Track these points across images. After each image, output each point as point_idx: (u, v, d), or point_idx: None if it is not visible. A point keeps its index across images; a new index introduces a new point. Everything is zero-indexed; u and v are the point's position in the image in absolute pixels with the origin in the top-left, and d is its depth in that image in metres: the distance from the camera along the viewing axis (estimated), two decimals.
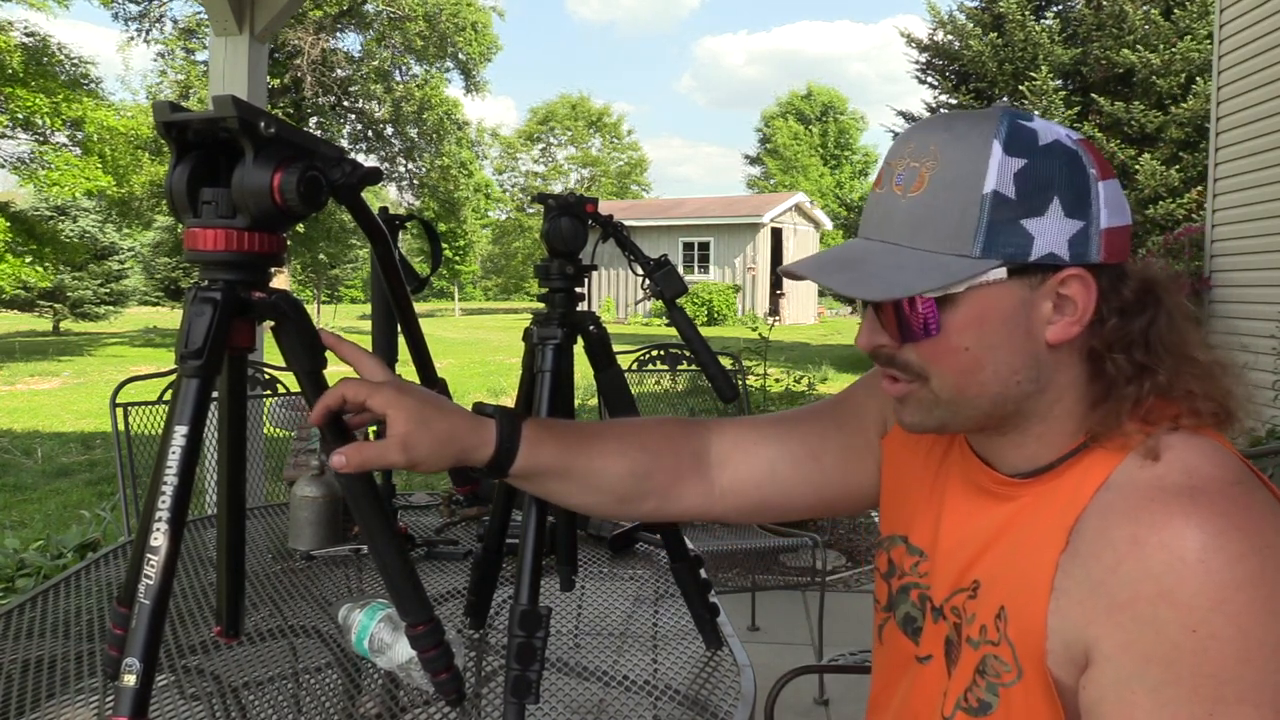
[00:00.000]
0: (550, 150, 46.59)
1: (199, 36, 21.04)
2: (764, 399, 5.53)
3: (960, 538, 0.87)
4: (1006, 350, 0.77)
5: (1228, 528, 0.68)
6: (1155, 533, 0.69)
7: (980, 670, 0.81)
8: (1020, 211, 0.74)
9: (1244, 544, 0.67)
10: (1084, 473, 0.78)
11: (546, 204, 1.08)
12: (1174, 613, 0.67)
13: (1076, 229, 0.74)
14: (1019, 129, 0.75)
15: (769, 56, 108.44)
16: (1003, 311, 0.76)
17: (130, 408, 2.63)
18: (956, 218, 0.74)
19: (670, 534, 1.15)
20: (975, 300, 0.76)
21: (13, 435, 8.13)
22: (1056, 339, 0.76)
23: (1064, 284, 0.75)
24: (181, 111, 0.78)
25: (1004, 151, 0.74)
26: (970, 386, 0.78)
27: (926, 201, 0.76)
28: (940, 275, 0.75)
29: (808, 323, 24.99)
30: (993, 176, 0.74)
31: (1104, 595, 0.71)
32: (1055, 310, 0.76)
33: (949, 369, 0.78)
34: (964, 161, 0.75)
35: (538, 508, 0.99)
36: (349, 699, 1.14)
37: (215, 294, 0.79)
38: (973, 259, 0.74)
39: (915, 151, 0.78)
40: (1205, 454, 0.74)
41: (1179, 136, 11.41)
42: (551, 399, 1.04)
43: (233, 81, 3.56)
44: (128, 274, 24.74)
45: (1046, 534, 0.77)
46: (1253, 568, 0.66)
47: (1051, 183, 0.74)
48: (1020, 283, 0.75)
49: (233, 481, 0.89)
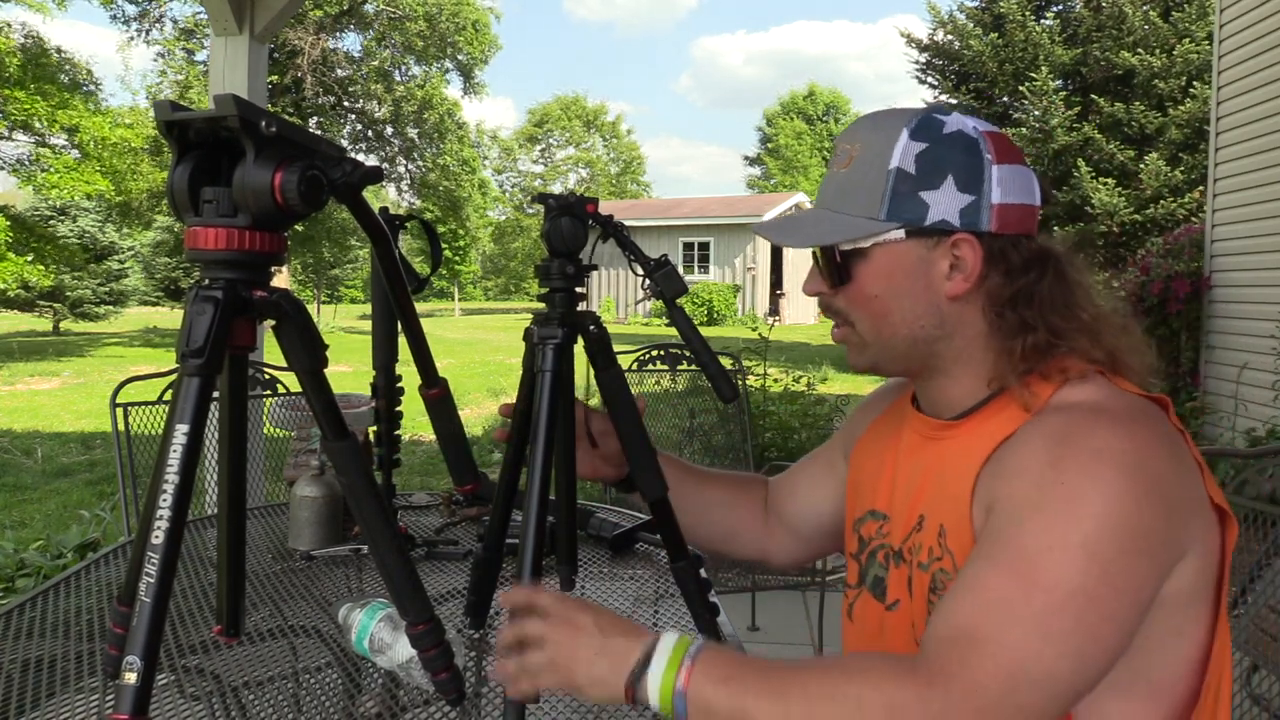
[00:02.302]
0: (550, 151, 46.57)
1: (199, 37, 21.03)
2: (764, 399, 5.53)
3: (908, 486, 1.00)
4: (910, 299, 0.92)
5: (1119, 434, 0.81)
6: (1062, 430, 0.83)
7: (933, 588, 0.92)
8: (918, 185, 0.90)
9: (1127, 446, 0.80)
10: (1004, 409, 0.91)
11: (546, 204, 1.08)
12: (1054, 474, 0.80)
13: (967, 202, 0.90)
14: (930, 121, 0.91)
15: (767, 56, 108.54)
16: (904, 266, 0.92)
17: (130, 408, 2.63)
18: (869, 188, 0.91)
19: (670, 534, 1.15)
20: (882, 255, 0.92)
21: (13, 435, 8.13)
22: (954, 293, 0.91)
23: (956, 246, 0.90)
24: (183, 111, 0.78)
25: (909, 137, 0.90)
26: (884, 329, 0.94)
27: (850, 176, 0.93)
28: (852, 231, 0.92)
29: (808, 323, 24.98)
30: (897, 156, 0.90)
31: (1009, 470, 0.85)
32: (952, 269, 0.91)
33: (865, 313, 0.95)
34: (878, 144, 0.92)
35: (538, 508, 0.99)
36: (349, 699, 1.14)
37: (216, 293, 0.79)
38: (879, 221, 0.91)
39: (848, 136, 0.95)
40: (1116, 392, 0.88)
41: (1179, 138, 11.41)
42: (552, 399, 1.04)
43: (233, 81, 3.56)
44: (128, 274, 24.74)
45: (972, 458, 0.90)
46: (1128, 463, 0.79)
47: (946, 163, 0.90)
48: (918, 243, 0.91)
49: (233, 481, 0.89)
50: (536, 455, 1.01)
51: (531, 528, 0.98)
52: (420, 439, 7.32)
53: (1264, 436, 4.67)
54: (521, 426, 1.11)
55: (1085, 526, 0.77)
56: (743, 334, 16.40)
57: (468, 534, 1.76)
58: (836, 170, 0.95)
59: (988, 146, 0.90)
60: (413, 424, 2.49)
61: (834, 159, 0.97)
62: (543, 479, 1.00)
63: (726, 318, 23.84)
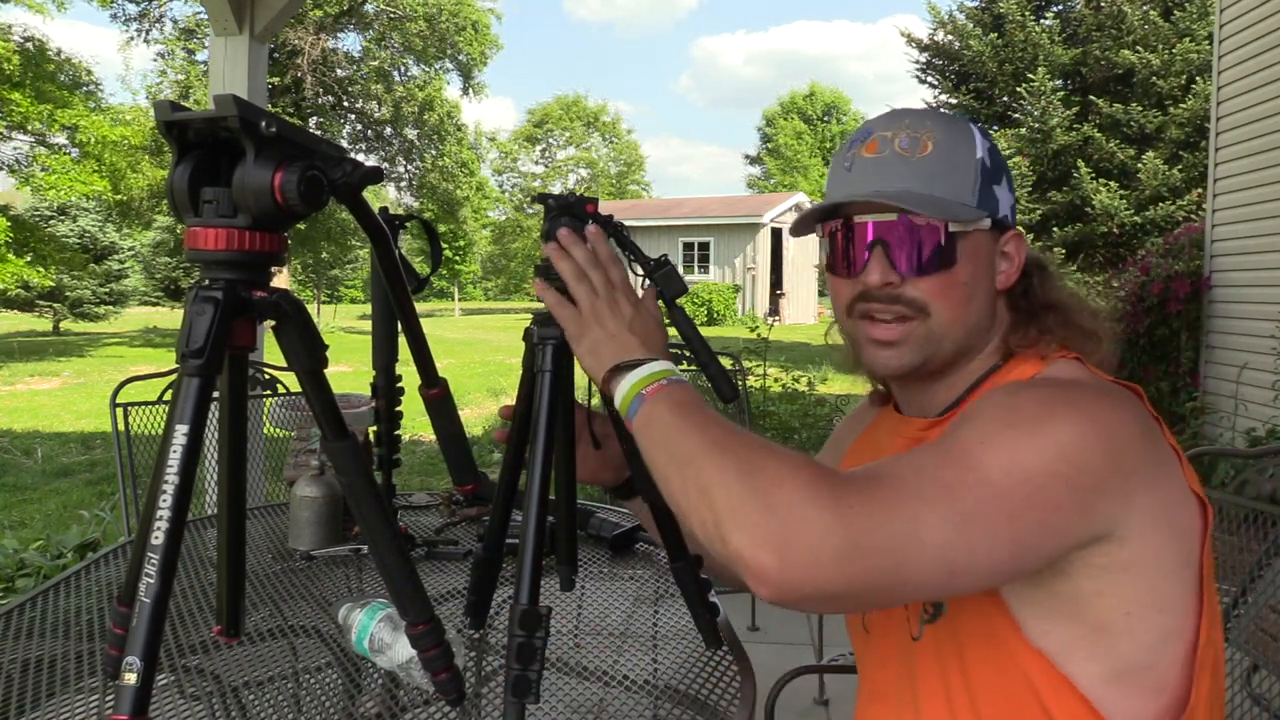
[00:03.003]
0: (550, 151, 46.58)
1: (199, 36, 21.03)
2: (764, 399, 5.53)
3: None
4: (983, 288, 0.95)
5: (1068, 384, 0.87)
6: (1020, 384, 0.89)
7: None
8: (994, 179, 0.94)
9: (1072, 392, 0.85)
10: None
11: (546, 204, 1.08)
12: (1002, 396, 0.85)
13: (1012, 201, 0.98)
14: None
15: (766, 56, 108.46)
16: (984, 256, 0.94)
17: (130, 408, 2.63)
18: (961, 175, 0.92)
19: (670, 534, 1.15)
20: (972, 243, 0.93)
21: (13, 435, 8.13)
22: (1004, 285, 0.96)
23: (1009, 241, 0.96)
24: (182, 111, 0.78)
25: (979, 134, 0.95)
26: (965, 317, 0.94)
27: (936, 160, 0.92)
28: (961, 213, 0.92)
29: (808, 323, 24.97)
30: (980, 147, 0.94)
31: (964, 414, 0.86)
32: (1003, 260, 0.96)
33: (950, 300, 0.93)
34: (959, 134, 0.94)
35: (538, 507, 0.99)
36: (349, 699, 1.14)
37: (216, 293, 0.79)
38: (973, 208, 0.92)
39: (913, 126, 0.94)
40: (1069, 366, 0.93)
41: (1179, 137, 11.40)
42: (552, 399, 1.04)
43: (233, 81, 3.56)
44: (128, 274, 24.74)
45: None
46: (1072, 400, 0.82)
47: (1001, 163, 0.96)
48: (992, 235, 0.95)
49: (233, 481, 0.89)
50: (536, 455, 1.01)
51: (531, 528, 0.98)
52: (420, 439, 7.32)
53: (1264, 436, 4.67)
54: (521, 427, 1.11)
55: (1023, 439, 0.78)
56: (742, 334, 16.40)
57: (468, 534, 1.76)
58: (910, 155, 0.92)
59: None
60: (413, 424, 2.49)
61: (886, 145, 0.94)
62: (543, 479, 1.00)
63: (726, 318, 23.83)
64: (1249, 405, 5.15)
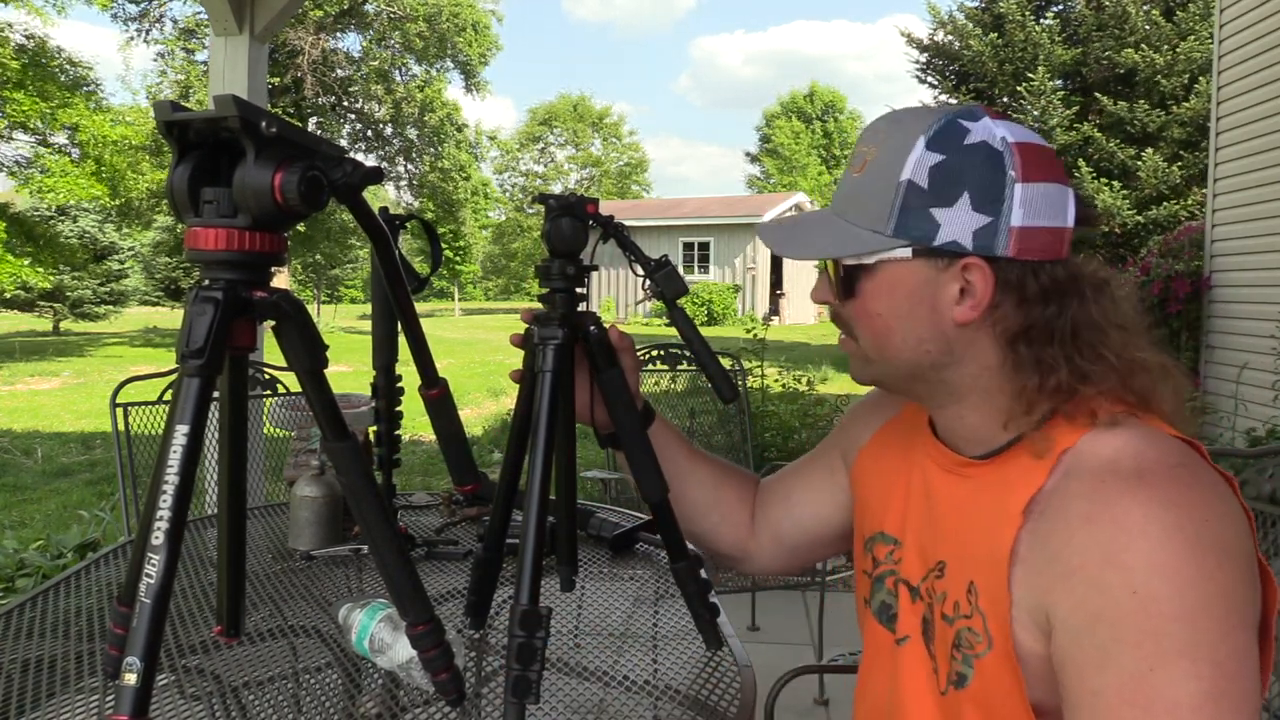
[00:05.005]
0: (550, 151, 46.56)
1: (199, 36, 21.03)
2: (764, 399, 5.53)
3: (924, 519, 0.95)
4: (913, 321, 0.86)
5: (1168, 503, 0.74)
6: (1106, 509, 0.76)
7: (956, 644, 0.87)
8: (930, 201, 0.82)
9: (1180, 516, 0.74)
10: (1035, 457, 0.84)
11: (547, 204, 1.08)
12: (1118, 576, 0.73)
13: (983, 223, 0.82)
14: (952, 128, 0.83)
15: (766, 56, 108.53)
16: (908, 286, 0.85)
17: (130, 408, 2.63)
18: (878, 199, 0.84)
19: (670, 534, 1.15)
20: (886, 273, 0.85)
21: (13, 435, 8.13)
22: (962, 320, 0.84)
23: (967, 270, 0.83)
24: (183, 111, 0.78)
25: (925, 147, 0.82)
26: (886, 348, 0.88)
27: (862, 182, 0.86)
28: (855, 245, 0.85)
29: (808, 323, 24.98)
30: (909, 168, 0.83)
31: (1060, 564, 0.78)
32: (962, 294, 0.84)
33: (866, 330, 0.89)
34: (893, 150, 0.84)
35: (538, 508, 0.99)
36: (349, 699, 1.14)
37: (216, 293, 0.78)
38: (885, 236, 0.84)
39: (867, 137, 0.88)
40: (1151, 440, 0.80)
41: (1181, 136, 11.40)
42: (552, 399, 1.04)
43: (233, 81, 3.56)
44: (128, 274, 24.75)
45: (1003, 512, 0.84)
46: (1188, 537, 0.73)
47: (963, 179, 0.82)
48: (926, 264, 0.84)
49: (233, 481, 0.89)
50: (537, 455, 1.01)
51: (531, 528, 0.98)
52: (420, 439, 7.32)
53: (1264, 436, 4.67)
54: (521, 427, 1.11)
55: (1174, 630, 0.71)
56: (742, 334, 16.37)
57: (468, 534, 1.76)
58: (851, 173, 0.88)
59: (1014, 162, 0.81)
60: (413, 424, 2.49)
61: (852, 159, 0.90)
62: (543, 479, 1.00)
63: (726, 318, 23.84)
64: (1249, 405, 5.15)
